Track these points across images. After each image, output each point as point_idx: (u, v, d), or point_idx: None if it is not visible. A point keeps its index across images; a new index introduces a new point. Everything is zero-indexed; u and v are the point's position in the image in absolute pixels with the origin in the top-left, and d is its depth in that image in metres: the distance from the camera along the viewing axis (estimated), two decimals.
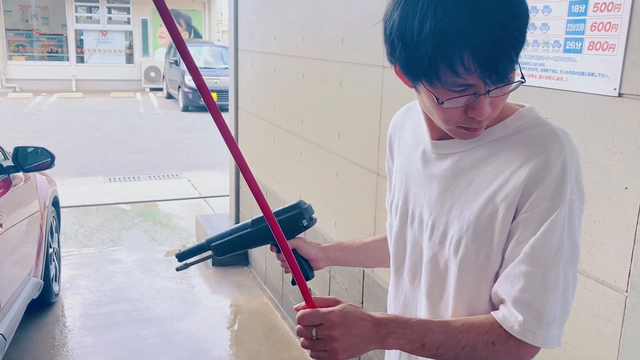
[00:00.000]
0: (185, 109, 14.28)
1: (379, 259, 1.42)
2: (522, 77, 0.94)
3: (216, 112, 0.90)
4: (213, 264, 4.68)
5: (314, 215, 1.43)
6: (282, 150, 3.82)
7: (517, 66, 0.92)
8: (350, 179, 2.87)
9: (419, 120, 1.14)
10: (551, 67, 1.59)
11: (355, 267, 1.49)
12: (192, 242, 5.27)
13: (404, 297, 1.16)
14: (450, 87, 0.91)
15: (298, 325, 1.01)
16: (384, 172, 2.58)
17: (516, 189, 0.96)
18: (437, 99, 0.93)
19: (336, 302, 1.03)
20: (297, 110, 3.52)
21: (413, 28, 0.88)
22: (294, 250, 1.38)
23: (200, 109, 14.06)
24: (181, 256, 1.48)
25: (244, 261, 4.74)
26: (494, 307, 1.02)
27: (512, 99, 1.01)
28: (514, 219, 0.97)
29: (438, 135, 1.07)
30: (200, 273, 4.61)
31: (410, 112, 1.22)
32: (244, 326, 3.82)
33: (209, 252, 1.47)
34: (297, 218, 1.39)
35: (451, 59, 0.87)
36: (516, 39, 0.89)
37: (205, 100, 0.89)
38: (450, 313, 1.05)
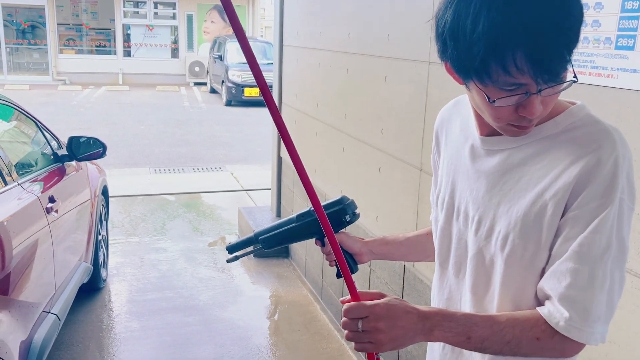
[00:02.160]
0: (229, 103, 14.47)
1: (421, 253, 1.43)
2: (575, 76, 0.94)
3: (271, 102, 0.93)
4: (254, 256, 4.76)
5: (357, 211, 1.46)
6: (324, 145, 3.87)
7: (569, 65, 0.92)
8: (393, 175, 2.89)
9: (468, 115, 1.15)
10: (601, 64, 1.58)
11: (398, 261, 1.52)
12: (234, 234, 5.37)
13: (449, 291, 1.17)
14: (501, 86, 0.92)
15: (344, 318, 1.03)
16: (427, 168, 2.60)
17: (566, 186, 0.96)
18: (488, 98, 0.94)
19: (381, 296, 1.05)
20: (340, 105, 3.55)
21: (466, 27, 0.89)
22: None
23: (243, 104, 14.26)
24: (231, 248, 1.54)
25: (285, 253, 4.80)
26: (540, 303, 1.03)
27: (562, 96, 1.02)
28: (562, 216, 0.98)
29: (487, 131, 1.08)
30: (241, 264, 4.70)
31: (458, 106, 1.22)
32: (284, 317, 3.89)
33: (257, 245, 1.52)
34: (341, 213, 1.42)
35: (504, 59, 0.88)
36: (569, 39, 0.89)
37: (262, 91, 0.93)
38: (495, 307, 1.07)
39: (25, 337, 2.32)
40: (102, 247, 4.16)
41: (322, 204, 1.44)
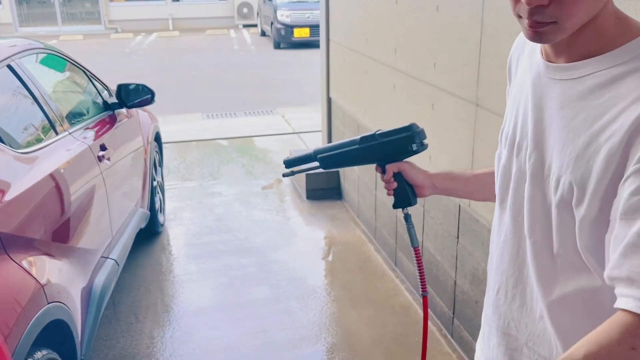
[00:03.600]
0: (277, 45, 14.15)
1: (488, 191, 1.31)
2: None
3: None
4: (307, 198, 4.76)
5: (426, 141, 1.37)
6: (374, 82, 3.73)
7: None
8: (447, 111, 2.76)
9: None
10: None
11: (462, 198, 1.45)
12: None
13: (505, 233, 1.09)
14: None
15: None
16: (484, 103, 2.45)
17: (625, 127, 0.82)
18: None
19: None
20: (390, 39, 3.39)
21: None
22: (399, 173, 1.35)
23: (293, 46, 13.99)
24: (289, 163, 1.51)
25: (337, 195, 4.78)
26: (601, 256, 0.90)
27: None
28: (620, 166, 0.83)
29: (552, 55, 0.95)
30: (294, 206, 4.71)
31: None
32: (338, 258, 3.89)
33: (315, 163, 1.46)
34: (408, 141, 1.34)
35: None
36: None
37: None
38: (554, 253, 0.97)
39: (85, 283, 2.39)
40: (158, 193, 4.23)
41: (390, 129, 1.36)
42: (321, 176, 4.78)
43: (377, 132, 1.36)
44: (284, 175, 1.55)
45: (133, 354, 2.88)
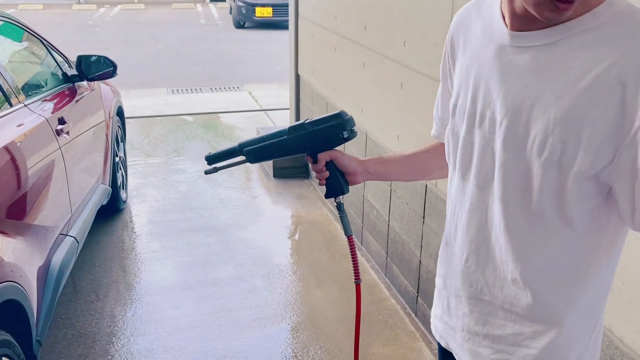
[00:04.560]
0: (238, 25, 13.54)
1: (421, 171, 1.38)
2: None
3: None
4: (274, 176, 4.71)
5: (355, 128, 1.34)
6: (343, 60, 3.69)
7: None
8: (416, 90, 2.74)
9: (491, 15, 1.04)
10: None
11: (395, 181, 1.45)
12: None
13: (470, 202, 1.09)
14: None
15: None
16: None
17: (613, 84, 0.87)
18: None
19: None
20: (360, 16, 3.34)
21: None
22: (331, 162, 1.32)
23: (258, 25, 13.62)
24: (211, 159, 1.41)
25: (305, 174, 4.74)
26: (582, 211, 0.96)
27: None
28: (617, 120, 0.88)
29: (518, 25, 0.97)
30: (261, 184, 4.66)
31: (478, 6, 1.10)
32: (305, 236, 3.87)
33: (241, 157, 1.39)
34: (338, 129, 1.30)
35: None
36: None
37: None
38: (530, 213, 0.99)
39: (42, 261, 2.31)
40: (120, 169, 4.13)
41: (318, 117, 1.33)
42: None
43: (306, 121, 1.32)
44: (206, 173, 1.45)
45: (93, 333, 2.82)
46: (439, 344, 1.29)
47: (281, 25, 12.75)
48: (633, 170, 0.89)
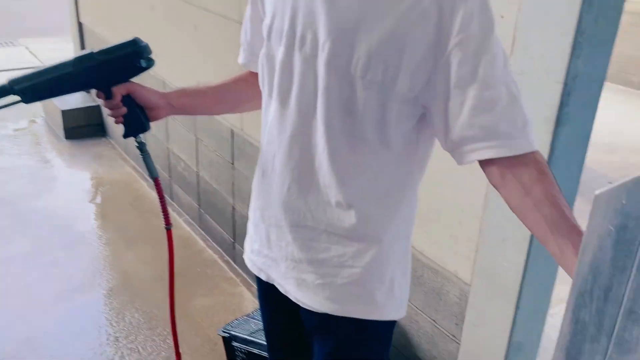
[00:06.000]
0: None
1: (230, 102, 1.30)
2: None
3: None
4: (66, 137, 4.29)
5: (152, 56, 1.20)
6: (130, 4, 3.40)
7: None
8: (211, 32, 2.62)
9: None
10: None
11: (200, 114, 1.36)
12: (40, 116, 4.75)
13: (291, 129, 1.04)
14: None
15: None
16: None
17: (434, 5, 0.88)
18: None
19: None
20: None
21: None
22: (128, 96, 1.18)
23: None
24: None
25: (101, 132, 4.39)
26: (400, 131, 0.98)
27: None
28: (434, 43, 0.90)
29: None
30: (52, 148, 4.22)
31: None
32: (108, 198, 3.61)
33: (14, 97, 1.15)
34: (135, 57, 1.16)
35: None
36: None
37: None
38: (358, 135, 0.99)
39: None
40: None
41: (111, 45, 1.18)
42: (79, 112, 4.33)
43: (94, 51, 1.16)
44: None
45: None
46: (258, 279, 1.26)
47: None
48: (446, 91, 0.91)
